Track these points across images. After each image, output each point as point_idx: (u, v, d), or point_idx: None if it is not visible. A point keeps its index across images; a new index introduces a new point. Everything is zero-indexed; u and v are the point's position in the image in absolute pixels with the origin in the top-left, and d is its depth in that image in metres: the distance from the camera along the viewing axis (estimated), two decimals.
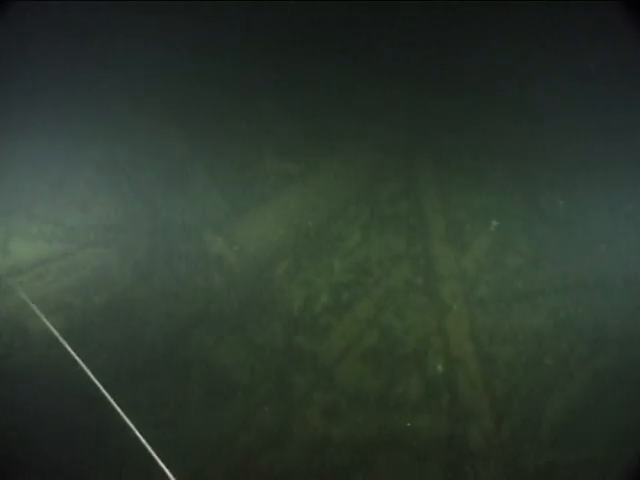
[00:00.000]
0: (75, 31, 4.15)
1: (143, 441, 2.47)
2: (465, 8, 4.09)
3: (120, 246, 3.63)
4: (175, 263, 3.07)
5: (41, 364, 2.62)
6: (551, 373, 2.59)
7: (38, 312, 2.54)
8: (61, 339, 2.45)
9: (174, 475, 2.32)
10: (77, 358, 2.39)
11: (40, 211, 3.80)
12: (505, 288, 3.05)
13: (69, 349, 2.38)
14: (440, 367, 2.83)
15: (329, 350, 3.05)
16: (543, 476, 2.49)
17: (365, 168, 3.91)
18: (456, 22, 4.12)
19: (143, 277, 3.14)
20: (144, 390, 2.97)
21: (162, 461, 2.37)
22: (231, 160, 4.15)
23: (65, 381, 2.51)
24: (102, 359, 2.84)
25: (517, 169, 3.93)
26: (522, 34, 4.33)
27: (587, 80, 3.94)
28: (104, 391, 2.34)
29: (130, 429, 2.52)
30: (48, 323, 2.47)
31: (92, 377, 2.35)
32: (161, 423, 2.86)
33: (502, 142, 4.07)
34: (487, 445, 2.44)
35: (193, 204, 3.79)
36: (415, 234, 3.62)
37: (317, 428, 2.79)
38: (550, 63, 4.13)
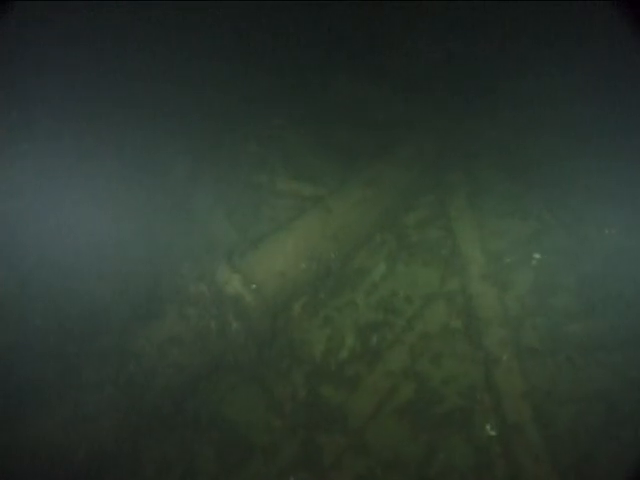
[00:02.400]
0: (76, 31, 3.77)
1: None
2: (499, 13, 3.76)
3: (115, 280, 3.23)
4: (184, 304, 2.67)
5: None
6: (629, 448, 2.25)
7: None
8: None
9: None
10: None
11: (21, 238, 3.37)
12: (558, 336, 2.70)
13: None
14: (489, 428, 2.47)
15: (359, 405, 2.69)
16: None
17: (390, 191, 3.54)
18: (489, 32, 3.79)
19: (146, 320, 2.73)
20: (147, 454, 2.58)
21: None
22: (238, 180, 3.76)
23: None
24: (101, 420, 2.43)
25: (554, 193, 3.60)
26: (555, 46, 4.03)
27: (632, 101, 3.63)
28: None
29: None
30: None
31: None
32: None
33: (538, 164, 3.74)
34: None
35: (199, 233, 3.40)
36: (448, 267, 3.27)
37: None
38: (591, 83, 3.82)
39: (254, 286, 2.74)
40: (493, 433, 2.44)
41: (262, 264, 2.88)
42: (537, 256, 3.21)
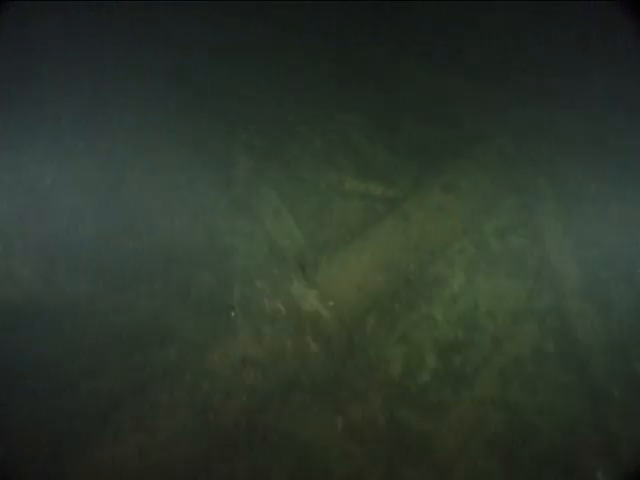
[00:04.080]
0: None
1: None
2: None
3: (179, 286, 3.07)
4: (258, 320, 2.49)
5: None
6: None
7: None
8: None
9: None
10: None
11: (84, 233, 3.25)
12: None
13: None
14: (601, 476, 2.22)
15: (445, 436, 2.46)
16: None
17: (469, 194, 3.26)
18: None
19: (217, 335, 2.57)
20: (220, 478, 2.43)
21: None
22: (304, 180, 3.53)
23: None
24: (177, 445, 2.29)
25: None
26: None
27: None
28: None
29: None
30: None
31: None
32: None
33: (630, 166, 3.37)
34: None
35: (264, 236, 3.20)
36: (536, 280, 2.98)
37: None
38: None
39: (332, 303, 2.53)
40: None
41: (338, 277, 2.67)
42: None
